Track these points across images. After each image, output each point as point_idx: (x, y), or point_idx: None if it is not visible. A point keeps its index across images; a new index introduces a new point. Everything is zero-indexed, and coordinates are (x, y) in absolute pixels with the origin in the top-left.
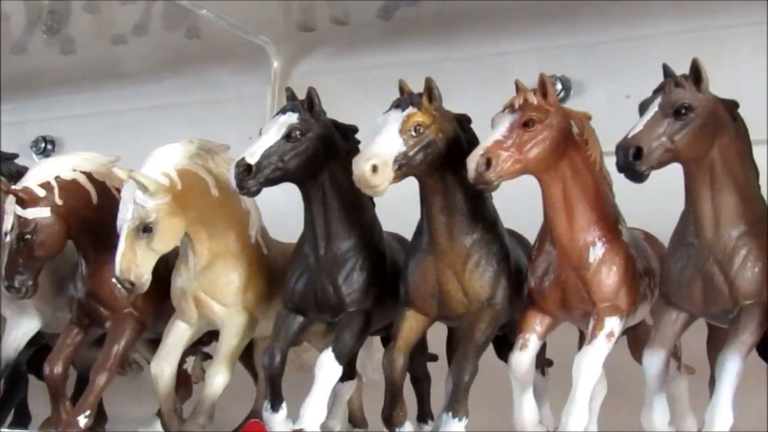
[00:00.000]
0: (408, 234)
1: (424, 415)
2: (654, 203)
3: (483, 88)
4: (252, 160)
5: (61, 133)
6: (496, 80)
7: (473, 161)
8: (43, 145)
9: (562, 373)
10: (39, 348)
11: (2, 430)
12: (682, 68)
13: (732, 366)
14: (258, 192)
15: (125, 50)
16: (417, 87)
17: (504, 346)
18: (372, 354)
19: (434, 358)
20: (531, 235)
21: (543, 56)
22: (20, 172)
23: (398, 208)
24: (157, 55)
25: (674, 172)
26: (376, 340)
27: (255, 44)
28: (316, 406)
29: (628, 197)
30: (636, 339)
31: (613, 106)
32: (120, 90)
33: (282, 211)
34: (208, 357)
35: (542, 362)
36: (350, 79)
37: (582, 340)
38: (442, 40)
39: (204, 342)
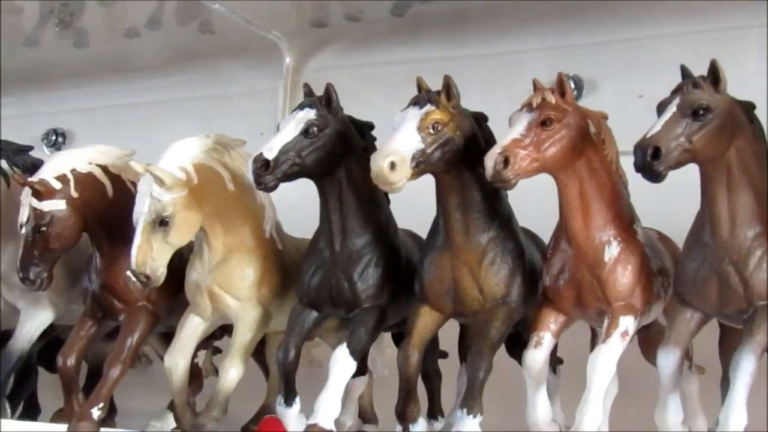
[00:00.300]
0: (420, 231)
1: (434, 412)
2: (667, 204)
3: (495, 87)
4: (270, 155)
5: (72, 126)
6: (508, 79)
7: (491, 159)
8: (54, 137)
9: (572, 371)
10: (50, 340)
11: (12, 421)
12: (694, 68)
13: (747, 366)
14: (275, 187)
15: (138, 44)
16: (429, 84)
17: (516, 344)
18: (383, 350)
19: (444, 355)
20: (543, 233)
21: (555, 55)
22: (35, 165)
23: (412, 205)
24: (169, 50)
25: (688, 172)
26: (387, 337)
27: (268, 40)
28: (330, 402)
29: (642, 197)
30: (648, 339)
31: (626, 106)
32: (132, 84)
33: (294, 206)
34: (218, 351)
35: (553, 361)
36: (362, 76)
37: (594, 339)
38: (455, 37)
39: (216, 336)
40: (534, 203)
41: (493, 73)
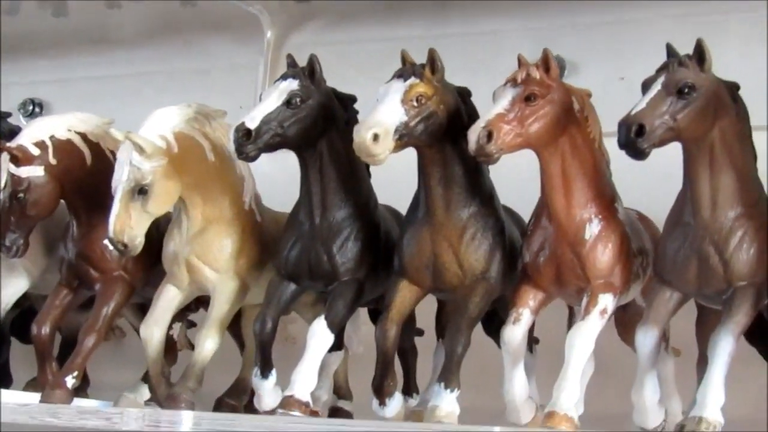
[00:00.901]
0: (400, 207)
1: (409, 389)
2: (648, 184)
3: (477, 66)
4: (252, 125)
5: (50, 97)
6: (490, 58)
7: (474, 133)
8: (31, 107)
9: (548, 352)
10: (23, 310)
11: None
12: (678, 51)
13: (725, 345)
14: (256, 157)
15: (118, 15)
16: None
17: (492, 322)
18: (358, 327)
19: (421, 332)
20: (523, 211)
21: (537, 35)
22: (13, 131)
23: (391, 181)
24: (150, 21)
25: (669, 153)
26: (363, 314)
27: (249, 13)
28: (307, 374)
29: (623, 177)
30: (625, 320)
31: (607, 88)
32: (111, 55)
33: (273, 181)
34: (192, 325)
35: (530, 340)
36: (343, 52)
37: (571, 319)
38: (437, 16)
39: (192, 309)
40: (515, 181)
41: (475, 52)
